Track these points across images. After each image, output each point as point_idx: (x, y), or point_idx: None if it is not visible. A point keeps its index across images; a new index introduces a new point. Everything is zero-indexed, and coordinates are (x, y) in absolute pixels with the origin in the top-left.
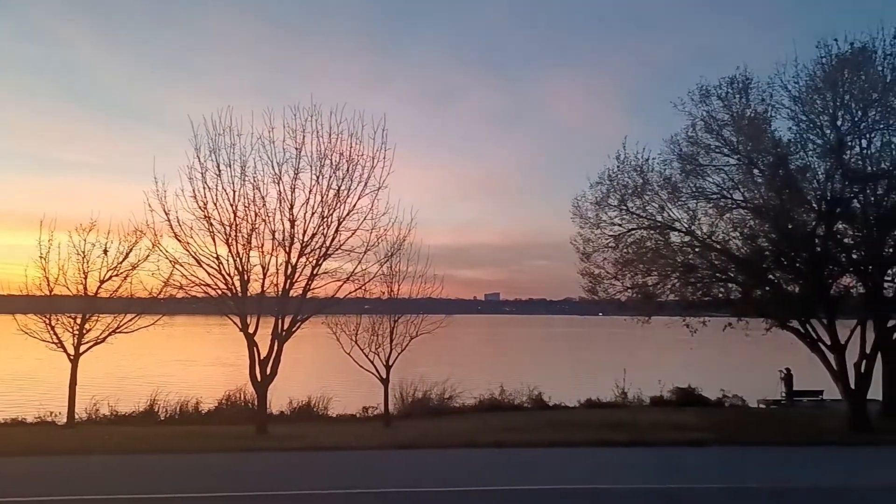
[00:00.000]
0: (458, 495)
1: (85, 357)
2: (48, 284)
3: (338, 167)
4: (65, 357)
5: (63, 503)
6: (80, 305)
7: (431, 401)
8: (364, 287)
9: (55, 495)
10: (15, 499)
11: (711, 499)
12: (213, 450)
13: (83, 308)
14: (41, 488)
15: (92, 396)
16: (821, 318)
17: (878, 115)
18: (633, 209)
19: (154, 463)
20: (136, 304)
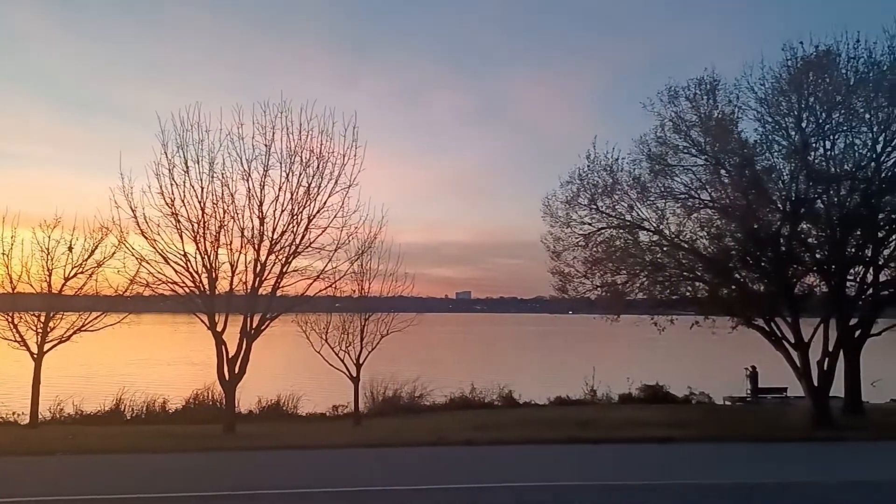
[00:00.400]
0: (427, 493)
1: (49, 356)
2: (11, 282)
3: (308, 164)
4: (28, 356)
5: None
6: (43, 303)
7: (402, 399)
8: (334, 285)
9: (14, 496)
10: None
11: (677, 495)
12: (179, 449)
13: (47, 306)
14: None
15: (56, 396)
16: (785, 316)
17: (841, 118)
18: (602, 208)
19: (118, 463)
20: (102, 301)
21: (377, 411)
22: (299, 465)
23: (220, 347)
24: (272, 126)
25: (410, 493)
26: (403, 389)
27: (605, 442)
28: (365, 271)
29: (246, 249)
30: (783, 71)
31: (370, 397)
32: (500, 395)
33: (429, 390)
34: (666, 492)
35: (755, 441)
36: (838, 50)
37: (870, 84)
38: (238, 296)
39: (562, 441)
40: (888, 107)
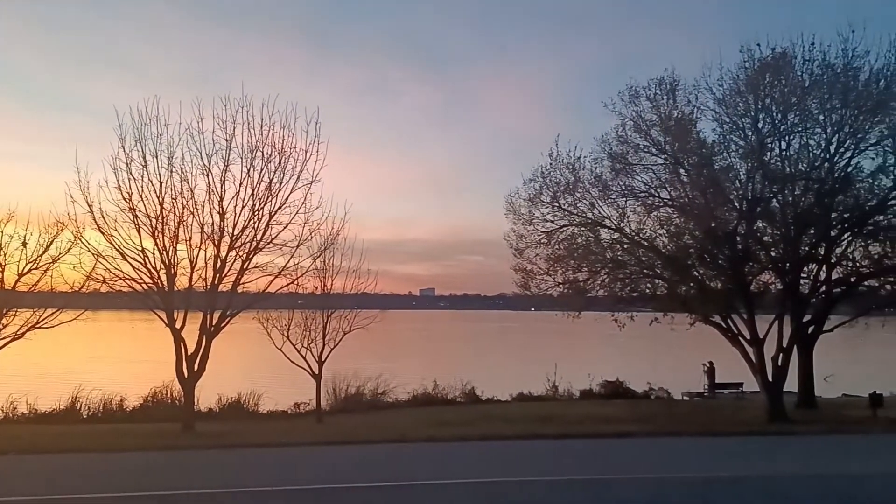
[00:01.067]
0: (388, 490)
1: (2, 354)
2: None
3: (269, 159)
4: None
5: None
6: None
7: (364, 396)
8: (297, 282)
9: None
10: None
11: (636, 488)
12: (136, 448)
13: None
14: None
15: (9, 394)
16: (741, 313)
17: (796, 119)
18: (564, 206)
19: (73, 462)
20: (58, 298)
21: (339, 408)
22: (260, 463)
23: (179, 345)
24: (233, 120)
25: (372, 491)
26: (366, 386)
27: (565, 437)
28: (327, 268)
29: (206, 245)
30: (740, 72)
31: (332, 394)
32: (463, 392)
33: (391, 387)
34: (623, 485)
35: (711, 435)
36: (794, 52)
37: (824, 86)
38: (198, 292)
39: (523, 437)
40: (841, 109)
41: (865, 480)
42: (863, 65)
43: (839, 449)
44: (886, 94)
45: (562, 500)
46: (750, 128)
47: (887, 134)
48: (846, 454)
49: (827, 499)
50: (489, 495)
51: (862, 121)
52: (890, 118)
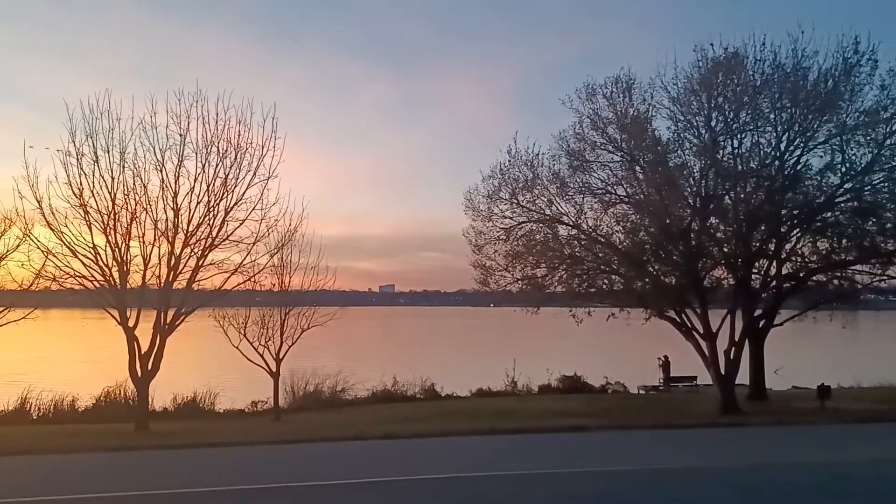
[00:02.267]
0: (344, 487)
1: None
2: None
3: (225, 155)
4: None
5: None
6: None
7: (323, 393)
8: (254, 279)
9: None
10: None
11: (589, 481)
12: (88, 449)
13: None
14: None
15: None
16: (695, 307)
17: (748, 117)
18: (523, 203)
19: (22, 464)
20: (6, 296)
21: (298, 406)
22: (215, 462)
23: (132, 343)
24: (187, 115)
25: (329, 489)
26: (325, 384)
27: (523, 432)
28: (285, 265)
29: (159, 242)
30: (694, 71)
31: (291, 392)
32: (423, 388)
33: (350, 384)
34: (577, 478)
35: (665, 428)
36: (746, 52)
37: (774, 86)
38: (151, 290)
39: (481, 432)
40: (791, 108)
41: (811, 469)
42: (812, 65)
43: (787, 439)
44: (834, 94)
45: (517, 494)
46: (703, 126)
47: (835, 133)
48: (794, 444)
49: (773, 486)
50: (446, 491)
51: (811, 120)
52: (837, 117)
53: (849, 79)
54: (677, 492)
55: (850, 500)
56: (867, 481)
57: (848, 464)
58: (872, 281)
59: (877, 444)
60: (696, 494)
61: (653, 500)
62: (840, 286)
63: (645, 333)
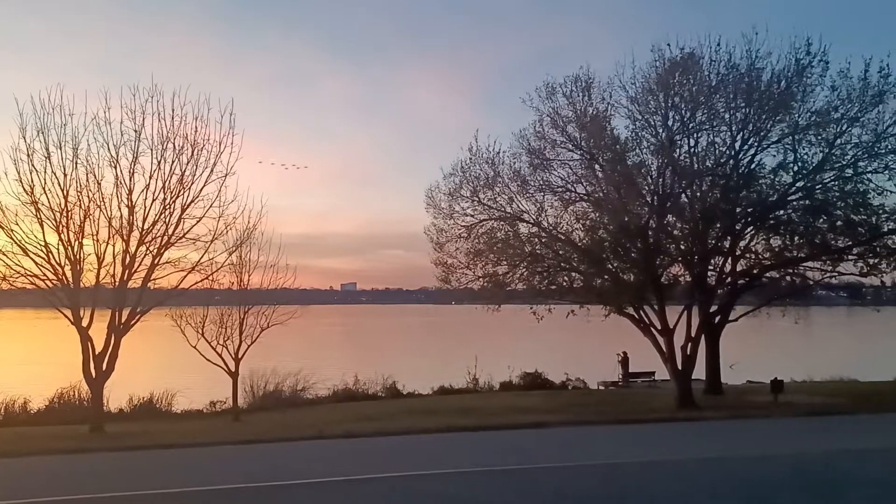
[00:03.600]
0: (304, 487)
1: None
2: None
3: (181, 151)
4: None
5: None
6: None
7: (284, 393)
8: (212, 277)
9: None
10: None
11: (548, 476)
12: (41, 452)
13: None
14: None
15: None
16: (653, 304)
17: (704, 117)
18: (484, 200)
19: None
20: None
21: (258, 406)
22: (172, 464)
23: (86, 343)
24: (142, 110)
25: (288, 489)
26: (285, 383)
27: (483, 429)
28: (244, 263)
29: (114, 240)
30: (652, 71)
31: (250, 392)
32: (384, 387)
33: (311, 383)
34: (537, 474)
35: (623, 423)
36: (702, 53)
37: (729, 86)
38: (106, 289)
39: (442, 430)
40: (745, 108)
41: (764, 462)
42: (765, 66)
43: (742, 433)
44: (786, 95)
45: (477, 490)
46: (660, 125)
47: (787, 132)
48: (748, 438)
49: (727, 479)
50: (405, 489)
51: (764, 119)
52: (790, 117)
53: (801, 80)
54: (633, 486)
55: (801, 491)
56: (819, 473)
57: (800, 456)
58: (823, 277)
59: (828, 436)
60: (652, 488)
61: (609, 494)
62: (792, 282)
63: (604, 330)
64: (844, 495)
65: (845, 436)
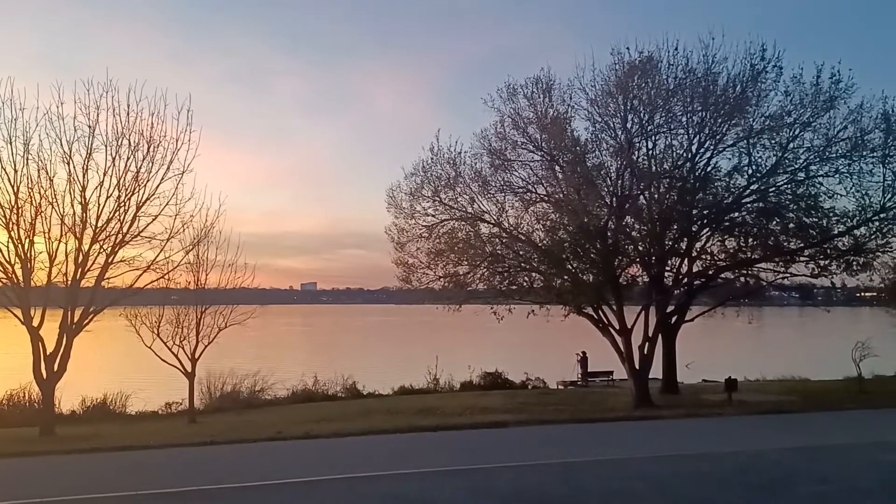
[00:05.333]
0: (261, 489)
1: None
2: None
3: (137, 148)
4: None
5: None
6: None
7: (241, 394)
8: (167, 276)
9: None
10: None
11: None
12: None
13: None
14: None
15: None
16: (611, 304)
17: (661, 120)
18: (445, 200)
19: None
20: None
21: (215, 408)
22: (124, 466)
23: (37, 344)
24: (97, 106)
25: (244, 491)
26: (243, 384)
27: (443, 429)
28: (201, 262)
29: (66, 238)
30: (611, 74)
31: (207, 393)
32: (344, 387)
33: (270, 384)
34: (495, 473)
35: (581, 422)
36: (660, 56)
37: (687, 89)
38: (58, 288)
39: (401, 430)
40: (702, 111)
41: (717, 459)
42: (721, 70)
43: (696, 431)
44: (742, 99)
45: (435, 490)
46: (620, 127)
47: (742, 136)
48: (702, 436)
49: (680, 477)
50: (364, 490)
51: (720, 123)
52: (745, 121)
53: (756, 84)
54: (589, 484)
55: (751, 488)
56: (768, 470)
57: (751, 453)
58: (776, 278)
59: (779, 434)
60: (607, 486)
61: (565, 493)
62: (746, 283)
63: (564, 330)
64: (792, 491)
65: (795, 433)
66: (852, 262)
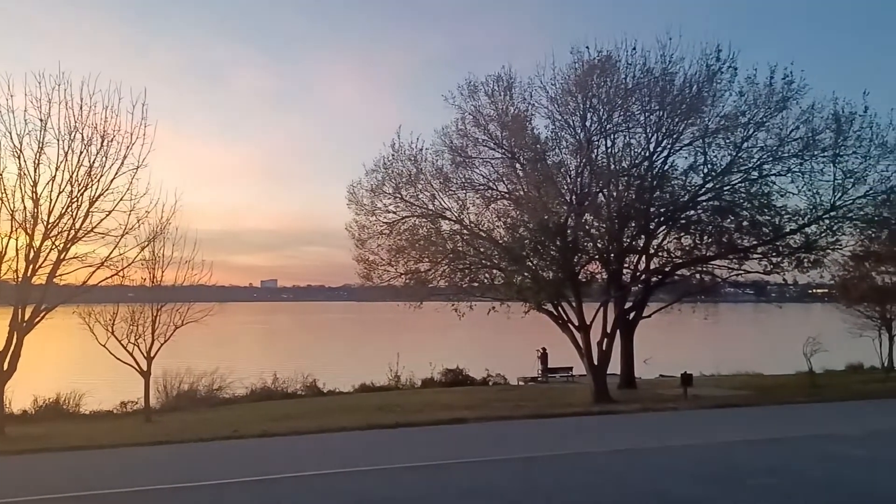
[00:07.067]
0: (215, 488)
1: None
2: None
3: (90, 142)
4: None
5: None
6: None
7: (199, 392)
8: (122, 273)
9: None
10: None
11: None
12: None
13: None
14: None
15: None
16: (570, 300)
17: (620, 119)
18: (406, 197)
19: None
20: None
21: (171, 406)
22: (76, 466)
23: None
24: (48, 99)
25: (199, 490)
26: (200, 382)
27: (403, 426)
28: (157, 258)
29: (17, 234)
30: (571, 73)
31: (163, 392)
32: (304, 385)
33: (228, 382)
34: (454, 470)
35: (540, 417)
36: (619, 56)
37: (644, 89)
38: (8, 285)
39: (360, 427)
40: (659, 111)
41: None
42: (678, 70)
43: (653, 425)
44: (698, 99)
45: (393, 487)
46: (579, 126)
47: (698, 135)
48: (657, 430)
49: (634, 470)
50: (320, 488)
51: (677, 122)
52: (701, 121)
53: (711, 85)
54: (546, 479)
55: (702, 480)
56: (720, 463)
57: (703, 447)
58: (731, 275)
59: (731, 427)
60: (564, 480)
61: (523, 488)
62: (702, 280)
63: (524, 326)
64: (743, 483)
65: (748, 427)
66: (803, 259)
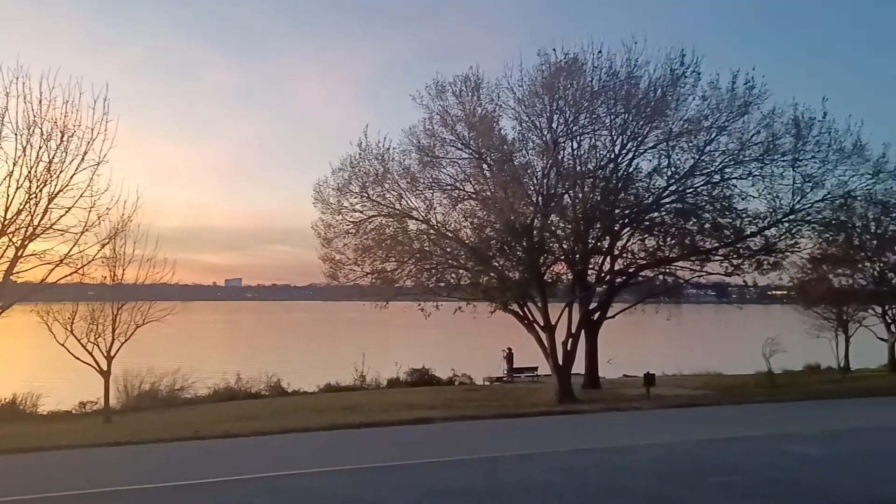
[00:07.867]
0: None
1: None
2: None
3: (50, 137)
4: None
5: None
6: None
7: (160, 392)
8: (81, 271)
9: None
10: None
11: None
12: None
13: None
14: None
15: None
16: (536, 301)
17: (586, 121)
18: (373, 196)
19: None
20: None
21: (132, 406)
22: (34, 467)
23: None
24: (6, 93)
25: (161, 491)
26: (162, 382)
27: (367, 426)
28: (118, 256)
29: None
30: (538, 74)
31: (124, 392)
32: (268, 385)
33: (190, 382)
34: (418, 469)
35: (505, 417)
36: (585, 59)
37: (610, 92)
38: None
39: (324, 427)
40: (624, 114)
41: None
42: (643, 74)
43: (615, 425)
44: (662, 103)
45: (357, 487)
46: (546, 127)
47: (662, 138)
48: (620, 429)
49: (596, 469)
50: (282, 488)
51: (642, 125)
52: (665, 124)
53: (675, 89)
54: (510, 477)
55: (663, 478)
56: (682, 461)
57: (666, 445)
58: (693, 276)
59: (693, 426)
60: (527, 479)
61: (487, 487)
62: (665, 281)
63: (490, 326)
64: (704, 481)
65: (708, 426)
66: (763, 261)
